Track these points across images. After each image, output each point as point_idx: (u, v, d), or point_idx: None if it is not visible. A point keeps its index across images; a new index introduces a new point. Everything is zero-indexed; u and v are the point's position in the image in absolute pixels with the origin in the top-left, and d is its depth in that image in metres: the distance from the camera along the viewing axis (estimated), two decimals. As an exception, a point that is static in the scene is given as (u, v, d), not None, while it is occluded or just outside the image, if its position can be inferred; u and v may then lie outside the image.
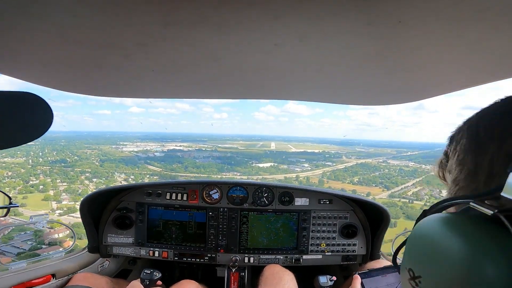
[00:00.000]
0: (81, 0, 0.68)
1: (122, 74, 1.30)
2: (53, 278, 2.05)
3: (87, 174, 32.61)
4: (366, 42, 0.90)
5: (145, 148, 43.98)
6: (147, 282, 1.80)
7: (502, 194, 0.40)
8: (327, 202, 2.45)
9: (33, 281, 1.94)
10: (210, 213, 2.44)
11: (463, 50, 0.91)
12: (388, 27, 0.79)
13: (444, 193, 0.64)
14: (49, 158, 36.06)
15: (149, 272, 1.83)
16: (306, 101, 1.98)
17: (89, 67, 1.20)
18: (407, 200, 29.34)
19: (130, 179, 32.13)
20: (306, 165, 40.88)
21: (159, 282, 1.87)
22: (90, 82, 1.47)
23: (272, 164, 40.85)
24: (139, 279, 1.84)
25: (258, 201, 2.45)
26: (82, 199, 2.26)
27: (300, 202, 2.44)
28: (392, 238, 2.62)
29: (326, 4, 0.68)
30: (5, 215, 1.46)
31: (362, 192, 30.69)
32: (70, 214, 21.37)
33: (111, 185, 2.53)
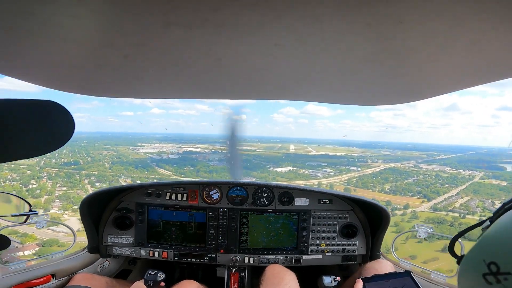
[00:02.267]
0: (81, 0, 0.68)
1: (122, 74, 1.30)
2: (53, 278, 2.05)
3: (92, 178, 30.63)
4: (366, 42, 0.90)
5: (161, 150, 42.02)
6: (151, 283, 1.77)
7: None
8: (327, 202, 2.46)
9: (33, 281, 1.94)
10: (210, 213, 2.44)
11: (463, 50, 0.91)
12: (388, 27, 0.79)
13: (498, 204, 0.61)
14: (62, 160, 34.18)
15: (153, 273, 1.79)
16: (305, 101, 1.98)
17: (89, 67, 1.20)
18: (458, 215, 24.06)
19: (135, 185, 30.88)
20: (328, 170, 37.47)
21: (162, 284, 1.85)
22: (90, 82, 1.47)
23: (291, 168, 37.58)
24: (142, 280, 1.81)
25: (258, 201, 2.45)
26: (82, 199, 2.26)
27: (300, 202, 2.44)
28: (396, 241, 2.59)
29: (326, 5, 0.68)
30: (24, 222, 1.45)
31: (398, 203, 26.23)
32: (50, 228, 16.38)
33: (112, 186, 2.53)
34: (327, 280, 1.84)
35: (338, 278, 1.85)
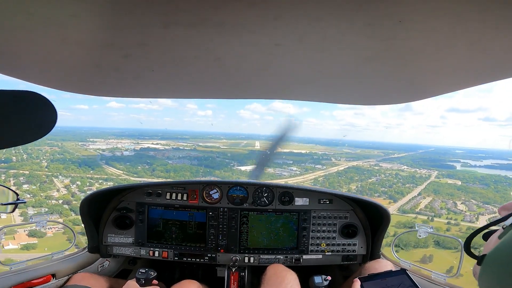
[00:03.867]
0: (81, 0, 0.68)
1: (122, 74, 1.30)
2: (53, 278, 2.05)
3: (21, 178, 25.84)
4: (366, 42, 0.90)
5: (115, 146, 37.85)
6: (143, 281, 1.81)
7: None
8: (327, 202, 2.46)
9: (33, 281, 1.94)
10: (210, 213, 2.44)
11: (463, 50, 0.91)
12: (389, 27, 0.78)
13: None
14: (-8, 157, 28.20)
15: (144, 271, 1.83)
16: (305, 101, 1.98)
17: (89, 67, 1.20)
18: (426, 217, 23.45)
19: (73, 187, 25.81)
20: (294, 168, 36.26)
21: (155, 281, 1.88)
22: (90, 82, 1.47)
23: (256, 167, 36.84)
24: (134, 278, 1.84)
25: (258, 201, 2.45)
26: (82, 199, 2.26)
27: (300, 202, 2.44)
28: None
29: (326, 4, 0.68)
30: (13, 211, 1.47)
31: (365, 205, 25.68)
32: None
33: (112, 185, 2.53)
34: (318, 280, 1.82)
35: (329, 278, 1.84)
